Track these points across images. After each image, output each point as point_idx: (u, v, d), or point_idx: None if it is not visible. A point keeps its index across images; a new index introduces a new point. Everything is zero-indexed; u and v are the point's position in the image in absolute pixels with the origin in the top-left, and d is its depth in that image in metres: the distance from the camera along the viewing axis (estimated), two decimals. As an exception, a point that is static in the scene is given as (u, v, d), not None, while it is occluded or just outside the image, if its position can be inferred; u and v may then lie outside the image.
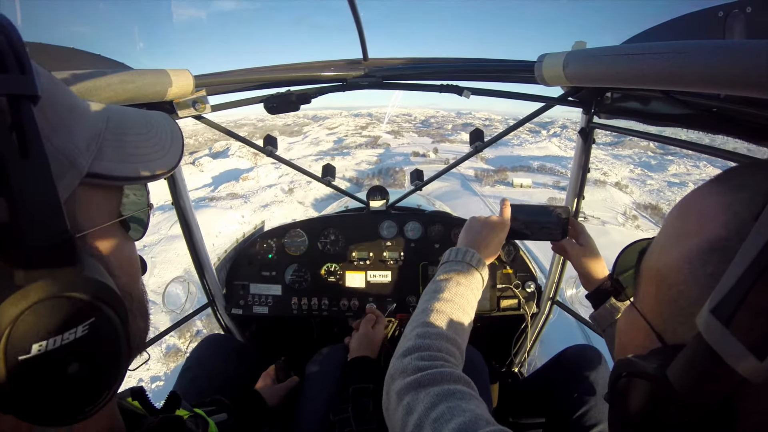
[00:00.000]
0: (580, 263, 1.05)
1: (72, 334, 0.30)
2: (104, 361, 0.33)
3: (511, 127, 1.47)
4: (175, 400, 0.57)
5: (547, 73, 0.86)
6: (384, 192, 1.73)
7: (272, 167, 37.20)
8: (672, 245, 0.37)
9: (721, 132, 0.76)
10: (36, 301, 0.29)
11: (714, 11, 0.66)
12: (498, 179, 39.00)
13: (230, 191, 32.50)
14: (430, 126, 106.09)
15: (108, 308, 0.33)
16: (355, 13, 1.06)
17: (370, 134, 77.49)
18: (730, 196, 0.34)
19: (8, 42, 0.28)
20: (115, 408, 0.44)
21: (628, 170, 43.33)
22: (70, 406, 0.32)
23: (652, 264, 0.39)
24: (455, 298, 0.79)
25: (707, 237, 0.34)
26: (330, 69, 1.21)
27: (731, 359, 0.26)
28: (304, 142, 67.15)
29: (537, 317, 1.63)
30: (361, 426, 0.94)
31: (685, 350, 0.30)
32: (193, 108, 1.10)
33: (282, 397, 1.21)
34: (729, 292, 0.26)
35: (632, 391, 0.35)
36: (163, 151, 0.44)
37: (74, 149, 0.34)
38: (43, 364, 0.29)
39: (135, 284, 0.42)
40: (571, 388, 1.21)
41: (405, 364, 0.68)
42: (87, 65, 0.92)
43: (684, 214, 0.38)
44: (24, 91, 0.28)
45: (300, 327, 1.85)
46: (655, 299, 0.38)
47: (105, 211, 0.39)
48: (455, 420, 0.55)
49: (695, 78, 0.50)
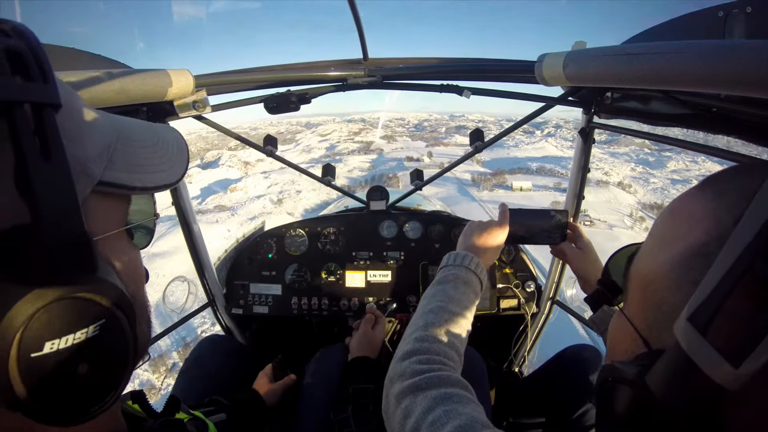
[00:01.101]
0: (578, 266, 1.06)
1: (83, 334, 0.31)
2: (112, 362, 0.34)
3: (511, 127, 1.47)
4: (175, 404, 0.57)
5: (547, 73, 0.86)
6: (384, 192, 1.73)
7: (261, 177, 36.80)
8: (658, 250, 0.37)
9: (721, 132, 0.76)
10: (51, 300, 0.29)
11: (714, 11, 0.66)
12: (496, 183, 38.29)
13: (218, 203, 32.15)
14: (423, 129, 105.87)
15: (118, 311, 0.34)
16: (355, 13, 1.06)
17: (363, 140, 77.32)
18: (713, 202, 0.34)
19: (32, 51, 0.30)
20: (118, 410, 0.45)
21: (629, 168, 42.89)
22: (77, 406, 0.32)
23: (639, 269, 0.39)
24: (454, 303, 0.79)
25: (690, 242, 0.33)
26: (330, 69, 1.21)
27: (707, 367, 0.26)
28: (296, 150, 66.98)
29: (537, 317, 1.63)
30: (360, 426, 0.94)
31: (663, 357, 0.30)
32: (193, 108, 1.10)
33: (280, 396, 1.21)
34: (705, 300, 0.26)
35: (616, 396, 0.35)
36: (170, 162, 0.46)
37: (87, 158, 0.35)
38: (54, 362, 0.30)
39: (140, 290, 0.43)
40: (570, 388, 1.21)
41: (404, 368, 0.68)
42: (87, 65, 0.92)
43: (670, 219, 0.38)
44: (47, 99, 0.30)
45: (300, 327, 1.85)
46: (640, 304, 0.38)
47: (113, 220, 0.40)
48: (451, 423, 0.55)
49: (695, 78, 0.50)
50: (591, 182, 1.32)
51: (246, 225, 22.34)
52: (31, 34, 0.30)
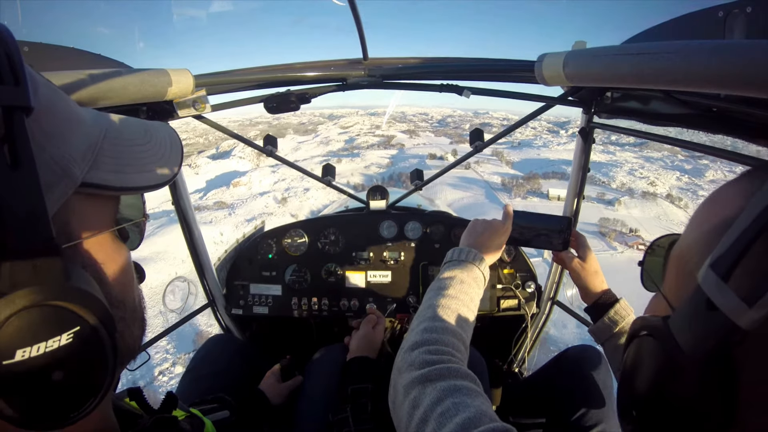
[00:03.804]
0: (578, 277, 1.06)
1: (56, 342, 0.31)
2: (89, 369, 0.34)
3: (511, 127, 1.47)
4: (172, 401, 0.57)
5: (547, 73, 0.86)
6: (384, 192, 1.73)
7: (269, 170, 35.66)
8: (693, 229, 0.39)
9: (721, 132, 0.75)
10: (20, 309, 0.29)
11: (714, 11, 0.66)
12: (530, 189, 35.83)
13: (218, 199, 31.09)
14: (447, 125, 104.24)
15: (93, 318, 0.33)
16: (355, 13, 1.06)
17: (384, 133, 75.43)
18: (748, 186, 0.36)
19: (5, 53, 0.29)
20: (108, 409, 0.44)
21: (675, 178, 41.80)
22: (54, 412, 0.32)
23: (676, 251, 0.41)
24: (459, 295, 0.81)
25: (722, 218, 0.35)
26: (330, 69, 1.21)
27: (725, 307, 0.28)
28: (314, 142, 65.59)
29: (537, 317, 1.63)
30: (359, 426, 0.94)
31: (685, 301, 0.32)
32: (193, 108, 1.10)
33: (285, 396, 1.22)
34: (727, 250, 0.29)
35: (645, 350, 0.37)
36: (161, 161, 0.45)
37: (69, 159, 0.35)
38: (26, 369, 0.30)
39: (128, 292, 0.43)
40: (571, 388, 1.21)
41: (413, 358, 0.69)
42: (87, 65, 0.92)
43: (709, 204, 0.40)
44: (17, 102, 0.29)
45: (300, 327, 1.85)
46: (674, 281, 0.40)
47: (100, 221, 0.40)
48: (460, 415, 0.55)
49: (695, 78, 0.50)
50: (637, 194, 1.31)
51: (242, 227, 21.74)
52: (7, 34, 0.30)
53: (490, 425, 0.53)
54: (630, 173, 48.04)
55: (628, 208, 44.38)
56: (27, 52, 0.82)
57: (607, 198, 34.14)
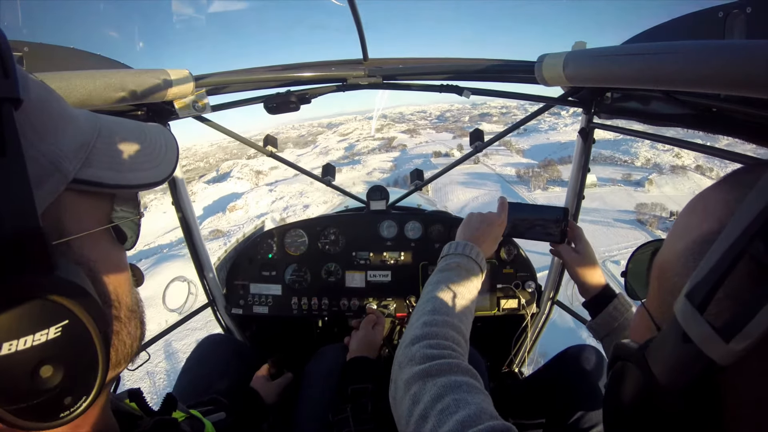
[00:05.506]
0: (576, 271, 1.05)
1: (44, 336, 0.30)
2: (80, 366, 0.33)
3: (510, 128, 1.47)
4: (172, 402, 0.57)
5: (547, 74, 0.86)
6: (384, 192, 1.73)
7: (266, 190, 34.38)
8: (675, 240, 0.38)
9: (721, 132, 0.75)
10: (7, 300, 0.29)
11: (714, 11, 0.66)
12: (549, 178, 30.82)
13: (214, 227, 29.81)
14: (446, 120, 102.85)
15: (83, 312, 0.32)
16: (355, 13, 1.06)
17: (384, 136, 74.13)
18: (729, 194, 0.35)
19: None
20: (107, 410, 0.44)
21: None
22: (44, 410, 0.31)
23: (657, 260, 0.41)
24: (458, 288, 0.80)
25: (703, 231, 0.34)
26: (330, 69, 1.21)
27: (699, 340, 0.27)
28: (313, 153, 64.46)
29: (537, 317, 1.63)
30: (359, 426, 0.94)
31: (661, 332, 0.31)
32: (193, 108, 1.10)
33: (278, 394, 1.22)
34: (702, 279, 0.28)
35: (623, 377, 0.36)
36: (156, 161, 0.45)
37: (60, 154, 0.35)
38: (13, 363, 0.29)
39: (124, 291, 0.42)
40: (571, 388, 1.21)
41: (413, 352, 0.68)
42: (87, 65, 0.92)
43: (690, 212, 0.39)
44: (5, 93, 0.29)
45: (300, 327, 1.85)
46: (656, 293, 0.39)
47: (94, 218, 0.40)
48: (460, 412, 0.55)
49: (695, 78, 0.50)
50: (665, 169, 1.29)
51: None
52: None
53: (490, 423, 0.53)
54: (653, 146, 44.75)
55: (660, 187, 39.67)
56: (27, 52, 0.82)
57: (635, 178, 30.81)
